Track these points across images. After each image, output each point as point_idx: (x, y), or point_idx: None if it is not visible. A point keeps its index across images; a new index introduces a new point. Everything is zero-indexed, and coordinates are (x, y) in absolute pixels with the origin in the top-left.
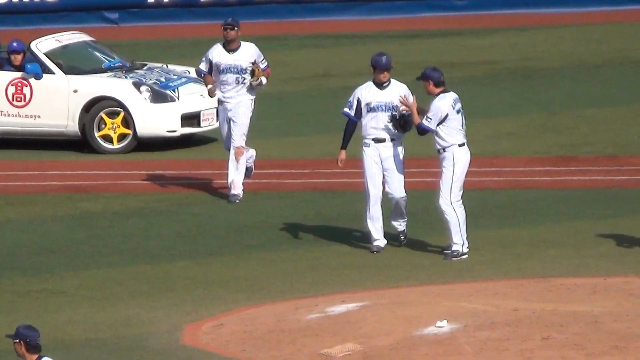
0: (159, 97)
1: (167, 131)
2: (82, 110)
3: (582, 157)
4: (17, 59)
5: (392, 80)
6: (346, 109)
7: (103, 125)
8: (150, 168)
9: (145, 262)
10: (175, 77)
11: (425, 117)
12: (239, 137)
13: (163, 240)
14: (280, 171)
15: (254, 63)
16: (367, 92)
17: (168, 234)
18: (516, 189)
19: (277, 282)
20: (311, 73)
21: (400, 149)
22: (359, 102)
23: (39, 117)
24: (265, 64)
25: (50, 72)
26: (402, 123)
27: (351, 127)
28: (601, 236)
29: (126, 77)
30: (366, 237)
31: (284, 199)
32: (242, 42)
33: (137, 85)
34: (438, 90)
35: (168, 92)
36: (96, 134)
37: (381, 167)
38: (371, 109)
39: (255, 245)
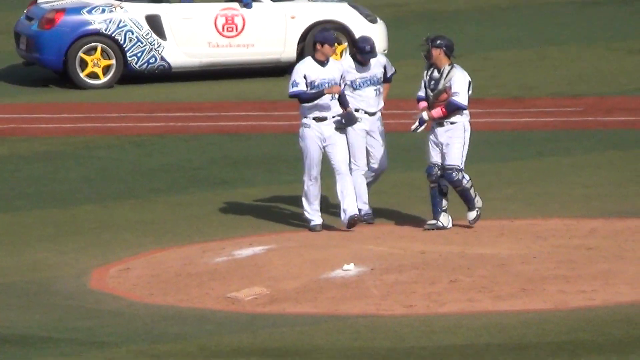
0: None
1: None
2: (300, 36)
3: (488, 99)
4: None
5: None
6: (295, 89)
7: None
8: (56, 111)
9: (52, 206)
10: None
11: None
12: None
13: (70, 183)
14: (187, 114)
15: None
16: (309, 70)
17: (74, 178)
18: None
19: (184, 226)
20: None
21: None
22: (305, 78)
23: (253, 46)
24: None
25: (258, 0)
26: (346, 121)
27: (309, 97)
28: (507, 179)
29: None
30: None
31: (190, 142)
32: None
33: (356, 7)
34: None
35: None
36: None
37: (322, 146)
38: (314, 87)
39: (161, 188)
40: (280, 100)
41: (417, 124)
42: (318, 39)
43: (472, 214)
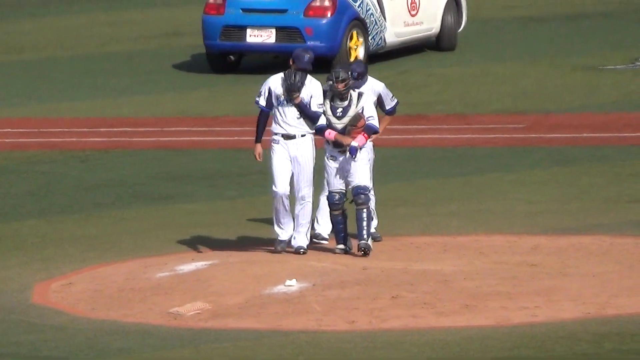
0: None
1: None
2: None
3: (432, 115)
4: None
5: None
6: (257, 99)
7: None
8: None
9: None
10: None
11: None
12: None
13: (13, 198)
14: (130, 129)
15: None
16: (278, 85)
17: (18, 192)
18: None
19: (127, 241)
20: (161, 32)
21: (312, 145)
22: (270, 92)
23: (422, 23)
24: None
25: None
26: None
27: (264, 119)
28: (451, 194)
29: None
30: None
31: (134, 157)
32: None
33: None
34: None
35: None
36: None
37: (290, 164)
38: (281, 103)
39: (105, 203)
40: (222, 115)
41: (348, 152)
42: (293, 54)
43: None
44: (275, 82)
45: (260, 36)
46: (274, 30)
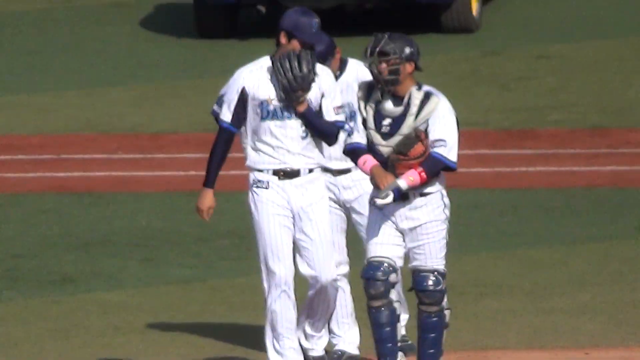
0: None
1: None
2: None
3: (545, 130)
4: None
5: None
6: (216, 108)
7: None
8: None
9: None
10: None
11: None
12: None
13: None
14: None
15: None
16: (260, 82)
17: None
18: None
19: None
20: None
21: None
22: (242, 97)
23: None
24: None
25: None
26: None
27: (224, 145)
28: (581, 275)
29: None
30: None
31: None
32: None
33: None
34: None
35: None
36: None
37: (291, 225)
38: (269, 115)
39: None
40: (168, 131)
41: (389, 197)
42: (286, 21)
43: None
44: (253, 78)
45: None
46: None
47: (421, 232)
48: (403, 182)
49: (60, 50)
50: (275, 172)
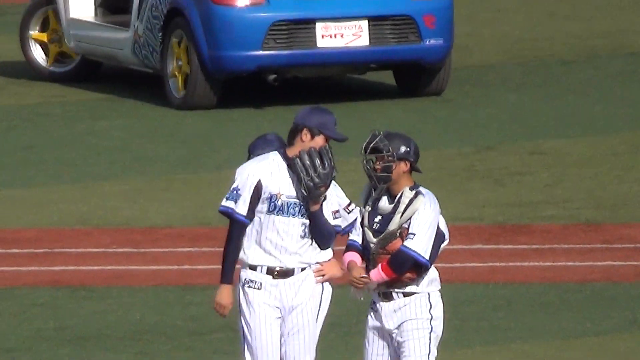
0: None
1: None
2: None
3: (539, 225)
4: None
5: None
6: (230, 203)
7: None
8: None
9: None
10: None
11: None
12: None
13: None
14: None
15: None
16: (275, 177)
17: None
18: None
19: None
20: None
21: (327, 287)
22: (257, 192)
23: None
24: None
25: None
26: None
27: (239, 239)
28: None
29: None
30: None
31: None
32: None
33: None
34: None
35: None
36: None
37: (279, 322)
38: (276, 209)
39: None
40: (159, 226)
41: (369, 286)
42: (305, 117)
43: None
44: (266, 172)
45: (342, 36)
46: (365, 23)
47: (403, 329)
48: (372, 274)
49: (55, 145)
50: (270, 271)
